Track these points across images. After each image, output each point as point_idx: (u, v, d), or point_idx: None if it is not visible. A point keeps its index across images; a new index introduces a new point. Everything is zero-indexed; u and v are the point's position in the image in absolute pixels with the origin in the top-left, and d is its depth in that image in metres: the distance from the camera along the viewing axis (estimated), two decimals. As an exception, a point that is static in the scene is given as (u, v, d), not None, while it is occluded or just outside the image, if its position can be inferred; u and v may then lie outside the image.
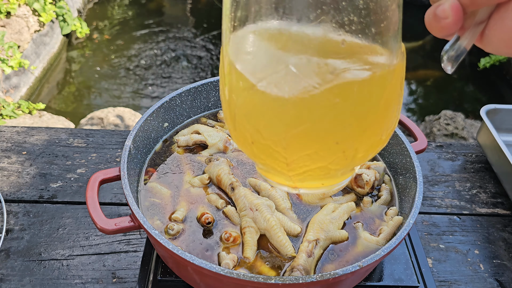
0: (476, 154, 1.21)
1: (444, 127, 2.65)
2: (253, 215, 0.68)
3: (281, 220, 0.68)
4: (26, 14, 3.19)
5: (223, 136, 0.83)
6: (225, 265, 0.63)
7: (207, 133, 0.83)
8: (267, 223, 0.67)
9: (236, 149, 0.82)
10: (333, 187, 0.47)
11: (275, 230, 0.66)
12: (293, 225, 0.68)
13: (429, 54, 3.96)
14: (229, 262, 0.63)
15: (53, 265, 0.87)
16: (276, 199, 0.72)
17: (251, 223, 0.67)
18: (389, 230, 0.69)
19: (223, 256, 0.64)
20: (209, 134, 0.83)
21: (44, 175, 1.05)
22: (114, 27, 3.99)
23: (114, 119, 2.62)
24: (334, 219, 0.69)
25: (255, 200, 0.69)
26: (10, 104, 2.64)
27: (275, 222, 0.67)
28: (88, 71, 3.48)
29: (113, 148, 1.14)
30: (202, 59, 3.67)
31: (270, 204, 0.70)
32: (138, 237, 0.93)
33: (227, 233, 0.67)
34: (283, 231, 0.67)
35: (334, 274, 0.56)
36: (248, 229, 0.67)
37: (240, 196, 0.71)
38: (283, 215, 0.70)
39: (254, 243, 0.66)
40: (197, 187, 0.76)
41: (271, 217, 0.67)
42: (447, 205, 1.06)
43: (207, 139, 0.83)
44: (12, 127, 1.19)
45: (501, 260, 0.94)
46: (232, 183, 0.73)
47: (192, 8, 4.36)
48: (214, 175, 0.76)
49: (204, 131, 0.84)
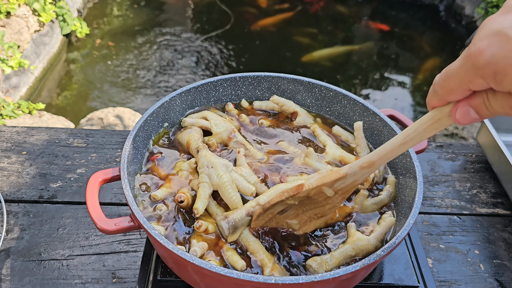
0: (476, 154, 1.21)
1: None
2: (208, 172, 0.70)
3: (235, 179, 0.69)
4: (26, 14, 3.19)
5: (229, 127, 0.82)
6: (192, 252, 0.63)
7: (214, 121, 0.83)
8: (219, 179, 0.68)
9: (238, 142, 0.82)
10: None
11: (226, 187, 0.67)
12: (248, 184, 0.69)
13: (429, 53, 3.96)
14: (197, 250, 0.64)
15: (53, 265, 0.87)
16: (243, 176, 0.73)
17: (206, 179, 0.69)
18: (381, 230, 0.69)
19: (193, 243, 0.65)
20: (216, 123, 0.83)
21: (44, 175, 1.05)
22: (115, 26, 3.99)
23: (114, 119, 2.62)
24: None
25: (213, 159, 0.72)
26: (10, 104, 2.64)
27: (227, 179, 0.68)
28: (88, 70, 3.48)
29: (113, 148, 1.14)
30: (203, 59, 3.67)
31: (226, 163, 0.71)
32: (138, 237, 0.93)
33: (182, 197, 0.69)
34: (235, 188, 0.68)
35: (334, 274, 0.56)
36: (201, 184, 0.69)
37: (201, 156, 0.73)
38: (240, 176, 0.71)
39: (205, 197, 0.67)
40: (185, 171, 0.76)
41: (223, 174, 0.68)
42: (447, 205, 1.06)
43: (212, 127, 0.82)
44: (12, 127, 1.19)
45: (501, 260, 0.94)
46: (198, 146, 0.76)
47: (193, 8, 4.36)
48: (185, 141, 0.79)
49: (212, 118, 0.84)
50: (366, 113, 0.86)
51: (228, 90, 0.92)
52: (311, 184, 0.61)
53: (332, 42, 4.00)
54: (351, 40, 4.15)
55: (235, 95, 0.93)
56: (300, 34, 4.01)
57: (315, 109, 0.94)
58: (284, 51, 3.81)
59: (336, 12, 4.46)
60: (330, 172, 0.61)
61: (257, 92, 0.94)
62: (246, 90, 0.93)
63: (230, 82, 0.91)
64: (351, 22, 4.39)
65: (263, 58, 3.75)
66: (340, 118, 0.92)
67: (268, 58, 3.76)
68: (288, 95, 0.94)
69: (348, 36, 4.20)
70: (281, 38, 3.97)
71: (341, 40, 4.09)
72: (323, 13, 4.41)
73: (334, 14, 4.45)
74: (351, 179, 0.59)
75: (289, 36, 3.99)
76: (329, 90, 0.91)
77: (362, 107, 0.87)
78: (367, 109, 0.86)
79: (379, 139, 0.85)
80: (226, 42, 3.85)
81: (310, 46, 3.86)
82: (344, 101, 0.90)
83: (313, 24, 4.17)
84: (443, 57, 3.88)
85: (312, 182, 0.61)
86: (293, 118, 0.90)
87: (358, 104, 0.87)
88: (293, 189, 0.62)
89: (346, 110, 0.90)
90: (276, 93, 0.95)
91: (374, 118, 0.85)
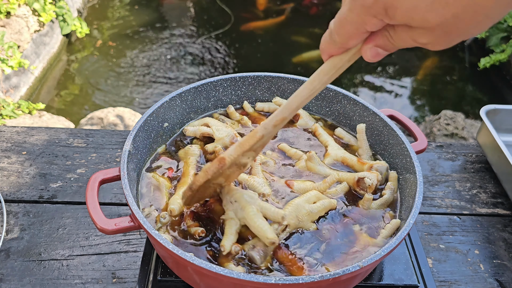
0: (476, 154, 1.21)
1: (444, 127, 2.65)
2: (233, 207, 0.67)
3: (263, 207, 0.66)
4: (26, 14, 3.19)
5: (231, 132, 0.83)
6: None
7: (215, 127, 0.83)
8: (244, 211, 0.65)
9: None
10: None
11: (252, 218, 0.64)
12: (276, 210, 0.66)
13: (427, 53, 3.95)
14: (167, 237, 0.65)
15: (53, 265, 0.87)
16: (254, 187, 0.72)
17: (232, 215, 0.67)
18: (387, 233, 0.69)
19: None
20: (217, 128, 0.83)
21: (44, 175, 1.05)
22: (115, 26, 3.99)
23: (114, 119, 2.62)
24: (312, 212, 0.69)
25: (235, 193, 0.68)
26: (10, 104, 2.64)
27: (252, 209, 0.65)
28: (88, 70, 3.48)
29: (113, 148, 1.14)
30: (203, 59, 3.67)
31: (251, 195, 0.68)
32: (138, 237, 0.93)
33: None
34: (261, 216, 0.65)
35: (334, 274, 0.56)
36: (228, 221, 0.67)
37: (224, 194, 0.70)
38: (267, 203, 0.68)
39: (231, 233, 0.65)
40: (193, 157, 0.78)
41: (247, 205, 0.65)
42: (447, 205, 1.05)
43: (214, 133, 0.82)
44: (12, 127, 1.19)
45: (501, 260, 0.94)
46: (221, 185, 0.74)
47: (194, 8, 4.36)
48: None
49: (214, 124, 0.84)
50: (366, 113, 0.86)
51: (228, 90, 0.92)
52: (231, 155, 0.61)
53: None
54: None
55: (235, 95, 0.93)
56: (299, 35, 4.01)
57: (315, 109, 0.94)
58: (283, 51, 3.82)
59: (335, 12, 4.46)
60: (246, 138, 0.62)
61: (257, 92, 0.94)
62: (246, 90, 0.93)
63: (230, 82, 0.91)
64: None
65: (263, 58, 3.75)
66: (340, 118, 0.92)
67: (268, 58, 3.76)
68: (288, 95, 0.94)
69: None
70: (279, 39, 3.97)
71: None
72: (324, 13, 4.41)
73: (334, 13, 4.44)
74: (266, 137, 0.61)
75: (288, 37, 3.99)
76: (329, 90, 0.91)
77: (362, 107, 0.87)
78: (367, 109, 0.86)
79: (379, 139, 0.85)
80: (226, 42, 3.85)
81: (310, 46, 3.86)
82: (344, 101, 0.90)
83: (314, 25, 4.17)
84: (442, 57, 3.88)
85: (232, 154, 0.62)
86: (295, 120, 0.90)
87: (358, 104, 0.87)
88: (215, 166, 0.62)
89: (346, 110, 0.90)
90: (276, 93, 0.95)
91: (374, 118, 0.85)
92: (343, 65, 0.50)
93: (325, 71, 0.52)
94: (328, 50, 0.49)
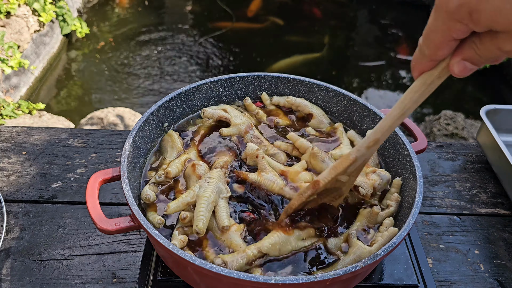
0: (476, 154, 1.21)
1: (444, 127, 2.64)
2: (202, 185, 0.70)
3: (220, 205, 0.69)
4: (26, 14, 3.19)
5: (247, 121, 0.85)
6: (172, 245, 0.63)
7: (233, 113, 0.86)
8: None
9: (255, 136, 0.82)
10: None
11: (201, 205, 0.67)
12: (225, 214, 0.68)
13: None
14: (176, 243, 0.64)
15: (53, 265, 0.87)
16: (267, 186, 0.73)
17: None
18: (383, 241, 0.66)
19: (174, 236, 0.66)
20: (235, 115, 0.86)
21: (44, 175, 1.05)
22: (114, 26, 3.99)
23: (114, 119, 2.62)
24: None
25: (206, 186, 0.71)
26: (10, 104, 2.64)
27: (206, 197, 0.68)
28: (88, 70, 3.48)
29: (113, 148, 1.14)
30: (203, 59, 3.67)
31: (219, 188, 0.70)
32: (138, 237, 0.93)
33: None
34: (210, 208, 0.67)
35: (334, 274, 0.56)
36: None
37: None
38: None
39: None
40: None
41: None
42: (447, 205, 1.05)
43: (232, 118, 0.85)
44: (12, 127, 1.19)
45: (501, 260, 0.94)
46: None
47: (194, 8, 4.36)
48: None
49: (231, 111, 0.87)
50: (366, 113, 0.86)
51: (228, 90, 0.92)
52: (326, 178, 0.63)
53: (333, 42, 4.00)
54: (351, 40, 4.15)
55: (235, 95, 0.93)
56: (299, 35, 4.01)
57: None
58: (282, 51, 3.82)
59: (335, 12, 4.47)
60: (340, 160, 0.62)
61: (257, 92, 0.94)
62: (246, 90, 0.93)
63: (230, 82, 0.91)
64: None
65: (264, 58, 3.75)
66: (340, 118, 0.92)
67: (268, 58, 3.77)
68: (288, 95, 0.94)
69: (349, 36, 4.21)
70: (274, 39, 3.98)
71: (341, 40, 4.09)
72: (324, 13, 4.41)
73: (335, 12, 4.45)
74: (360, 160, 0.61)
75: (286, 37, 3.99)
76: (329, 90, 0.91)
77: (362, 107, 0.87)
78: (367, 109, 0.86)
79: (379, 139, 0.85)
80: (226, 42, 3.85)
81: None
82: (344, 101, 0.90)
83: (319, 29, 4.17)
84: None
85: (326, 176, 0.63)
86: (308, 119, 0.90)
87: (358, 104, 0.87)
88: (309, 189, 0.64)
89: (346, 110, 0.90)
90: (276, 93, 0.95)
91: (374, 118, 0.85)
92: (433, 81, 0.50)
93: (415, 88, 0.51)
94: (419, 65, 0.49)
